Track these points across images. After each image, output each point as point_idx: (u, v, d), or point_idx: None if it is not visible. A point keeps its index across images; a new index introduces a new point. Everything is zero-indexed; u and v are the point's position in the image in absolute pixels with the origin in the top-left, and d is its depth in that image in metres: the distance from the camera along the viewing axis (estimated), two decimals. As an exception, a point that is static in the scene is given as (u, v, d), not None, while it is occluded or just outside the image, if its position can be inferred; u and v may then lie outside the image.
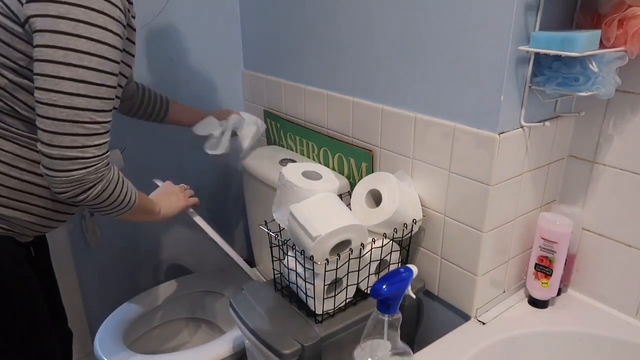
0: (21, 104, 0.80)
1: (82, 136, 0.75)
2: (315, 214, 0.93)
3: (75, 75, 0.73)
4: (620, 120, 0.95)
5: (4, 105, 0.79)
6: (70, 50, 0.72)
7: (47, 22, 0.71)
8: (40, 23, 0.72)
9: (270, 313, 1.02)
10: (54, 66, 0.72)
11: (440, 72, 0.97)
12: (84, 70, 0.74)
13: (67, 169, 0.76)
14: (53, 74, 0.73)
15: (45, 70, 0.73)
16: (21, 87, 0.79)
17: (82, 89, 0.74)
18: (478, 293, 1.01)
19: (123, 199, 0.87)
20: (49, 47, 0.72)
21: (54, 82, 0.73)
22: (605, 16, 0.83)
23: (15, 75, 0.79)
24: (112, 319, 1.34)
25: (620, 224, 0.99)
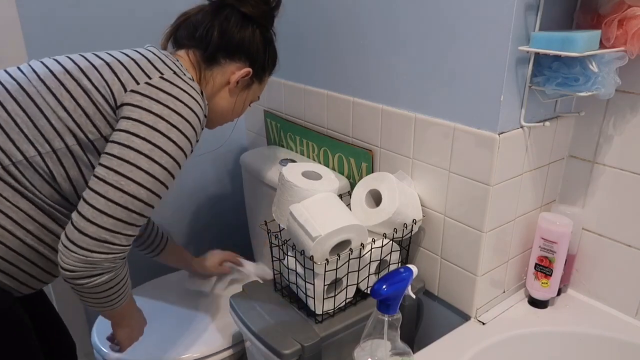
0: (61, 171, 0.79)
1: (124, 223, 0.77)
2: (315, 214, 0.93)
3: (151, 170, 0.77)
4: (620, 120, 0.95)
5: (43, 166, 0.78)
6: (158, 148, 0.77)
7: (149, 117, 0.77)
8: (139, 115, 0.77)
9: (270, 313, 1.02)
10: (137, 155, 0.76)
11: (440, 72, 0.96)
12: (161, 169, 0.78)
13: (91, 249, 0.75)
14: (132, 161, 0.76)
15: (126, 156, 0.76)
16: (73, 156, 0.79)
17: (151, 184, 0.78)
18: (478, 293, 1.01)
19: (116, 298, 0.86)
20: (139, 138, 0.76)
21: (129, 169, 0.76)
22: (605, 16, 0.83)
23: (75, 143, 0.79)
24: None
25: (620, 224, 0.99)
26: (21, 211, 0.77)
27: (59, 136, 0.78)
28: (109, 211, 0.75)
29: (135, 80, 0.80)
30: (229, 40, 0.90)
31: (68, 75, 0.80)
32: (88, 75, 0.80)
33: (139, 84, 0.80)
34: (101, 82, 0.80)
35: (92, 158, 0.80)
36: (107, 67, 0.81)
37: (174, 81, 0.81)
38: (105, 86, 0.79)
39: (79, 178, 0.80)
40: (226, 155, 1.63)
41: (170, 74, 0.83)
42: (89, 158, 0.80)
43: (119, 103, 0.79)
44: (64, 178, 0.79)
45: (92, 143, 0.79)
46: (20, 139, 0.76)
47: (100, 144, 0.80)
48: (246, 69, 0.93)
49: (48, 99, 0.78)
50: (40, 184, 0.78)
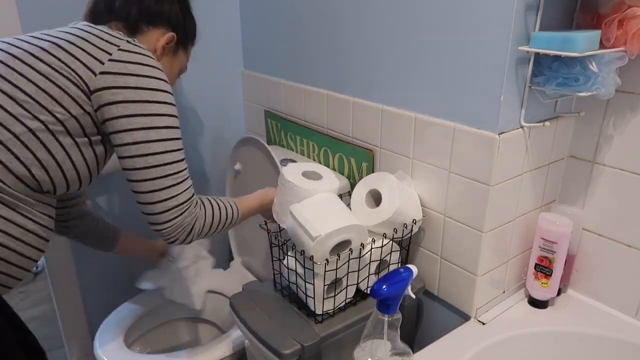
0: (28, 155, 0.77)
1: (173, 186, 0.85)
2: (315, 214, 0.93)
3: (161, 136, 0.83)
4: (620, 120, 0.95)
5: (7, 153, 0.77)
6: (155, 115, 0.83)
7: (131, 92, 0.81)
8: (122, 94, 0.80)
9: (270, 313, 1.02)
10: (145, 132, 0.82)
11: (440, 72, 0.97)
12: (166, 129, 0.84)
13: (169, 219, 0.85)
14: (145, 139, 0.82)
15: (137, 138, 0.82)
16: (38, 139, 0.78)
17: (168, 146, 0.84)
18: (478, 293, 1.01)
19: (225, 220, 0.96)
20: (137, 116, 0.81)
21: (146, 147, 0.82)
22: (605, 16, 0.83)
23: (41, 125, 0.78)
24: (112, 319, 1.34)
25: (620, 224, 1.00)
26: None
27: (18, 121, 0.77)
28: (156, 187, 0.84)
29: (98, 60, 0.80)
30: (148, 9, 0.93)
31: (18, 61, 0.79)
32: (41, 58, 0.79)
33: (103, 63, 0.80)
34: (59, 64, 0.79)
35: (60, 136, 0.80)
36: (60, 49, 0.81)
37: (130, 49, 0.83)
38: (66, 68, 0.79)
39: (48, 159, 0.79)
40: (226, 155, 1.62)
41: (123, 43, 0.84)
42: (58, 138, 0.80)
43: (92, 88, 0.80)
44: (32, 162, 0.78)
45: (61, 122, 0.79)
46: None
47: (70, 123, 0.80)
48: (170, 34, 0.95)
49: (2, 85, 0.77)
50: (3, 174, 0.77)
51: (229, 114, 1.63)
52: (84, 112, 0.81)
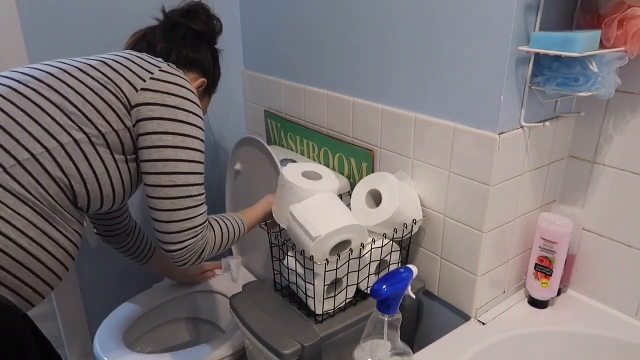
0: (70, 165, 0.79)
1: (193, 208, 0.86)
2: (315, 214, 0.93)
3: (189, 157, 0.86)
4: (620, 120, 0.95)
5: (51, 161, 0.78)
6: (187, 135, 0.85)
7: (167, 111, 0.83)
8: (159, 112, 0.83)
9: (270, 313, 1.02)
10: (174, 150, 0.84)
11: (440, 72, 0.97)
12: (194, 152, 0.86)
13: (182, 240, 0.86)
14: (173, 157, 0.84)
15: (166, 155, 0.84)
16: (81, 150, 0.80)
17: (193, 167, 0.86)
18: (478, 293, 1.01)
19: (233, 237, 0.98)
20: (169, 134, 0.84)
21: (174, 165, 0.84)
22: (605, 16, 0.83)
23: (84, 137, 0.80)
24: (112, 319, 1.34)
25: (620, 224, 1.00)
26: (23, 218, 0.75)
27: (65, 131, 0.78)
28: (177, 206, 0.85)
29: (140, 78, 0.84)
30: (186, 56, 1.00)
31: (67, 75, 0.82)
32: (89, 73, 0.83)
33: (145, 80, 0.84)
34: (105, 79, 0.83)
35: (101, 150, 0.82)
36: (106, 66, 0.85)
37: (170, 71, 0.88)
38: (111, 83, 0.83)
39: (88, 171, 0.81)
40: (226, 155, 1.62)
41: (164, 65, 0.88)
42: (98, 151, 0.82)
43: (133, 103, 0.83)
44: (73, 172, 0.80)
45: (103, 136, 0.82)
46: (24, 137, 0.76)
47: (111, 137, 0.82)
48: (202, 79, 1.03)
49: (50, 96, 0.79)
50: (47, 182, 0.77)
51: (229, 114, 1.63)
52: (124, 126, 0.83)
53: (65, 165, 0.79)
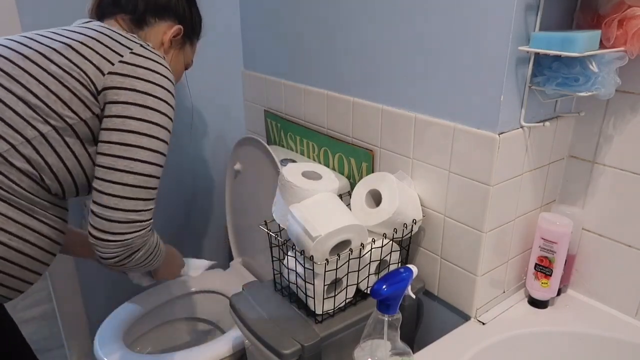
0: (38, 159, 0.77)
1: (144, 201, 0.81)
2: (315, 214, 0.93)
3: (152, 146, 0.80)
4: (620, 120, 0.95)
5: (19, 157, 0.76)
6: (153, 124, 0.80)
7: (136, 96, 0.78)
8: (126, 96, 0.78)
9: (270, 313, 1.02)
10: (137, 137, 0.78)
11: (440, 72, 0.97)
12: (159, 142, 0.81)
13: (123, 232, 0.79)
14: (135, 143, 0.78)
15: (127, 140, 0.78)
16: (49, 143, 0.77)
17: (155, 158, 0.81)
18: (478, 293, 1.01)
19: (156, 259, 0.91)
20: (134, 119, 0.78)
21: (134, 151, 0.78)
22: (605, 16, 0.83)
23: (51, 129, 0.77)
24: (112, 319, 1.34)
25: (620, 224, 0.99)
26: (0, 215, 0.74)
27: (30, 125, 0.75)
28: (129, 194, 0.79)
29: (109, 61, 0.79)
30: (155, 2, 0.92)
31: (29, 61, 0.77)
32: (52, 59, 0.78)
33: (114, 64, 0.79)
34: (69, 65, 0.78)
35: (70, 141, 0.79)
36: (72, 50, 0.79)
37: (144, 54, 0.82)
38: (76, 69, 0.78)
39: (58, 164, 0.79)
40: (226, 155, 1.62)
41: (137, 47, 0.82)
42: (68, 143, 0.79)
43: (99, 88, 0.78)
44: (42, 166, 0.77)
45: (71, 127, 0.78)
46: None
47: (79, 128, 0.79)
48: (177, 26, 0.95)
49: (12, 87, 0.75)
50: (19, 177, 0.75)
51: (229, 114, 1.63)
52: (93, 114, 0.79)
53: (34, 160, 0.76)
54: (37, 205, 0.79)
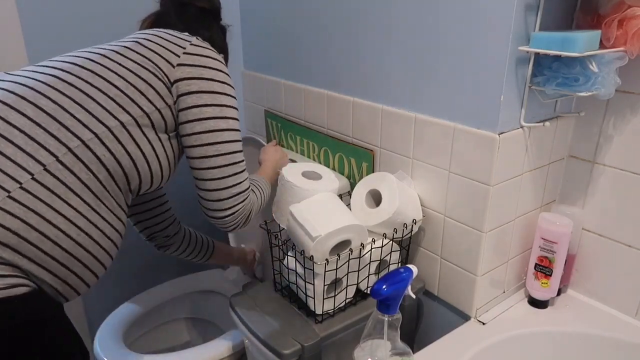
0: (119, 148, 0.80)
1: (239, 173, 0.91)
2: (315, 214, 0.93)
3: (229, 126, 0.89)
4: (620, 121, 0.95)
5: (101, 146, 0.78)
6: (224, 106, 0.89)
7: (204, 83, 0.87)
8: (197, 85, 0.86)
9: (270, 313, 1.02)
10: (215, 121, 0.87)
11: (440, 72, 0.97)
12: (233, 120, 0.90)
13: (232, 205, 0.91)
14: (215, 128, 0.87)
15: (208, 127, 0.87)
16: (128, 132, 0.81)
17: (234, 135, 0.90)
18: (478, 293, 1.01)
19: (265, 198, 1.03)
20: (208, 106, 0.87)
21: (217, 135, 0.87)
22: (605, 16, 0.83)
23: (131, 119, 0.82)
24: (112, 319, 1.34)
25: (620, 224, 1.00)
26: (72, 208, 0.76)
27: (111, 115, 0.80)
28: (226, 173, 0.89)
29: (174, 54, 0.87)
30: (203, 36, 0.98)
31: (107, 59, 0.84)
32: (127, 55, 0.85)
33: (179, 56, 0.87)
34: (142, 59, 0.85)
35: (146, 131, 0.84)
36: (141, 46, 0.87)
37: (201, 44, 0.90)
38: (148, 62, 0.85)
39: (136, 152, 0.83)
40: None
41: (194, 39, 0.91)
42: (144, 132, 0.84)
43: (172, 80, 0.85)
44: (122, 154, 0.81)
45: (147, 116, 0.83)
46: (74, 125, 0.77)
47: (155, 116, 0.84)
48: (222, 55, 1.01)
49: (94, 81, 0.81)
50: (97, 168, 0.78)
51: (229, 114, 1.63)
52: (166, 105, 0.85)
53: (114, 149, 0.80)
54: (105, 201, 0.81)
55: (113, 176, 0.81)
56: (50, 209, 0.73)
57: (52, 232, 0.73)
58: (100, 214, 0.80)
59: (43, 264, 0.74)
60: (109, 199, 0.81)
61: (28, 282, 0.73)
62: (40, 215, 0.72)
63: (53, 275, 0.76)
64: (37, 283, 0.75)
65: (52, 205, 0.73)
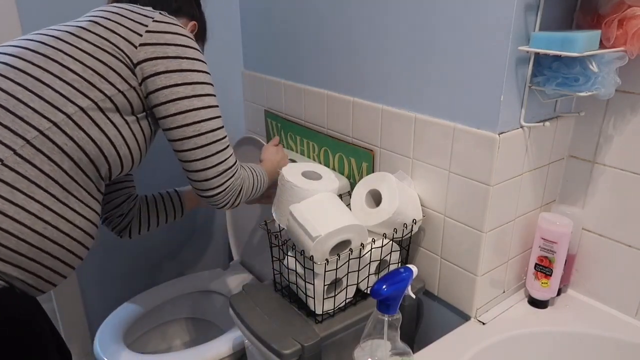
0: (82, 135, 0.77)
1: (223, 151, 0.89)
2: (315, 214, 0.93)
3: (205, 103, 0.86)
4: (620, 120, 0.95)
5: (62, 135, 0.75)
6: (196, 83, 0.84)
7: (171, 62, 0.82)
8: (163, 65, 0.82)
9: (270, 313, 1.02)
10: (189, 101, 0.84)
11: (440, 72, 0.97)
12: (208, 97, 0.86)
13: (221, 183, 0.89)
14: (190, 107, 0.84)
15: (183, 107, 0.84)
16: (89, 117, 0.78)
17: (212, 112, 0.87)
18: (478, 293, 1.01)
19: (260, 182, 1.01)
20: (179, 86, 0.83)
21: (193, 114, 0.84)
22: (605, 16, 0.83)
23: (91, 103, 0.78)
24: (112, 319, 1.34)
25: (620, 224, 1.00)
26: (37, 202, 0.73)
27: (69, 101, 0.76)
28: (209, 152, 0.87)
29: (136, 32, 0.81)
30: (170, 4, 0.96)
31: (61, 41, 0.79)
32: (82, 36, 0.80)
33: (141, 35, 0.81)
34: (100, 40, 0.80)
35: (110, 115, 0.80)
36: (98, 25, 0.81)
37: (165, 20, 0.85)
38: (107, 43, 0.80)
39: (101, 137, 0.79)
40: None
41: (157, 15, 0.85)
42: (108, 115, 0.80)
43: (135, 61, 0.81)
44: (85, 141, 0.78)
45: (110, 99, 0.79)
46: (29, 114, 0.73)
47: (118, 100, 0.80)
48: (193, 22, 1.01)
49: (48, 66, 0.76)
50: (60, 158, 0.75)
51: (229, 114, 1.63)
52: (130, 87, 0.81)
53: (76, 136, 0.77)
54: (74, 192, 0.78)
55: (79, 165, 0.78)
56: (13, 204, 0.71)
57: (15, 228, 0.71)
58: (69, 205, 0.77)
59: (10, 261, 0.72)
60: (78, 189, 0.79)
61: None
62: (1, 212, 0.70)
63: (23, 270, 0.74)
64: (5, 280, 0.73)
65: (13, 200, 0.71)
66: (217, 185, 0.89)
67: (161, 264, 1.64)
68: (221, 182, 0.89)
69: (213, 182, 0.88)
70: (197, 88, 0.84)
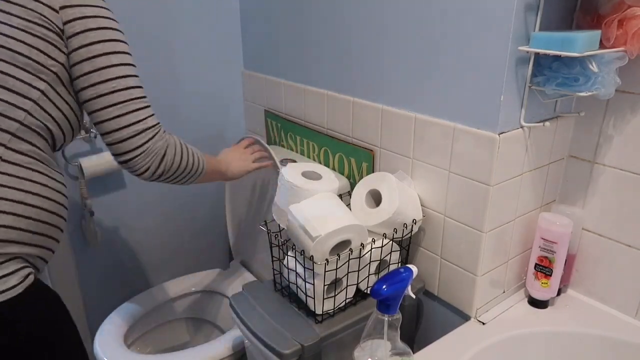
0: (47, 117, 0.81)
1: (140, 110, 0.85)
2: (315, 214, 0.93)
3: (122, 61, 0.83)
4: (620, 121, 0.95)
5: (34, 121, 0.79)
6: (114, 40, 0.83)
7: (88, 22, 0.80)
8: (81, 25, 0.80)
9: (270, 313, 1.02)
10: (106, 57, 0.82)
11: (440, 72, 0.97)
12: (124, 54, 0.84)
13: (140, 144, 0.85)
14: (106, 64, 0.82)
15: (98, 64, 0.81)
16: (48, 98, 0.80)
17: (128, 70, 0.84)
18: (478, 293, 1.01)
19: (193, 160, 0.96)
20: (97, 43, 0.81)
21: (108, 72, 0.82)
22: (605, 16, 0.83)
23: (46, 84, 0.80)
24: (112, 319, 1.34)
25: (620, 224, 1.00)
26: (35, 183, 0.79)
27: (31, 87, 0.78)
28: (123, 111, 0.83)
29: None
30: None
31: None
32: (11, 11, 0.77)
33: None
34: (27, 12, 0.77)
35: (60, 90, 0.82)
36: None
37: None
38: (34, 13, 0.78)
39: (59, 114, 0.82)
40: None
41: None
42: (60, 93, 0.82)
43: (60, 26, 0.79)
44: (51, 122, 0.81)
45: (56, 75, 0.80)
46: (6, 108, 0.76)
47: (62, 73, 0.81)
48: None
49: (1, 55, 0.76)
50: (38, 141, 0.80)
51: (229, 114, 1.63)
52: (66, 55, 0.81)
53: (45, 119, 0.80)
54: (51, 166, 0.84)
55: (47, 140, 0.82)
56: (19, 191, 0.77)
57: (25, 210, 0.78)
58: (50, 176, 0.83)
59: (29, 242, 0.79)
60: (49, 160, 0.84)
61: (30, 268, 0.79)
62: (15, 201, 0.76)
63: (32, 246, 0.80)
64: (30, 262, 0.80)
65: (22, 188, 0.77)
66: (135, 147, 0.84)
67: (161, 264, 1.64)
68: (140, 144, 0.85)
69: (130, 142, 0.84)
70: (115, 45, 0.83)
